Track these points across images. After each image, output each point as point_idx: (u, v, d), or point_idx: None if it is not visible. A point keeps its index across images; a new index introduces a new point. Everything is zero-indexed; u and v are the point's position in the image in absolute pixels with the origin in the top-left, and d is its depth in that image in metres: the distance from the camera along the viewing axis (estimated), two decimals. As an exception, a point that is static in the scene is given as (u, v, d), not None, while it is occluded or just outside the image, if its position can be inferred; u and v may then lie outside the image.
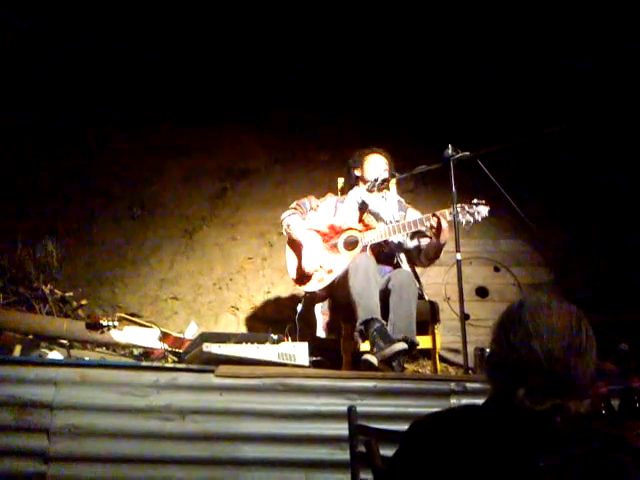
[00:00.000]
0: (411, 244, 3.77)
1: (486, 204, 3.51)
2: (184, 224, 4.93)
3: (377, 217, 3.78)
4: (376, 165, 3.86)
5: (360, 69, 5.07)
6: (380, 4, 5.01)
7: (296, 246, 3.76)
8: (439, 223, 3.47)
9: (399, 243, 3.77)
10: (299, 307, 3.77)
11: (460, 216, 3.45)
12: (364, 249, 3.66)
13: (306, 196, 3.94)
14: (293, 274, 3.77)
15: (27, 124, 4.87)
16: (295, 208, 3.84)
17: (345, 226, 3.78)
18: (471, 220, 3.48)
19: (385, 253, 3.73)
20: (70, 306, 4.24)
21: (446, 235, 3.53)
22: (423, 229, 3.62)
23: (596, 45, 4.80)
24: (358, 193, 3.88)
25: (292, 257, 3.79)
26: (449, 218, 3.46)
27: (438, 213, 3.50)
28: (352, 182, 3.96)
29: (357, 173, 3.93)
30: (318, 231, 3.79)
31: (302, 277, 3.72)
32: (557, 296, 1.31)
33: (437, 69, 5.05)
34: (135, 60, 5.04)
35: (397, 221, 3.71)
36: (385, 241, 3.71)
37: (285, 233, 3.82)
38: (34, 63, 4.91)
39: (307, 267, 3.66)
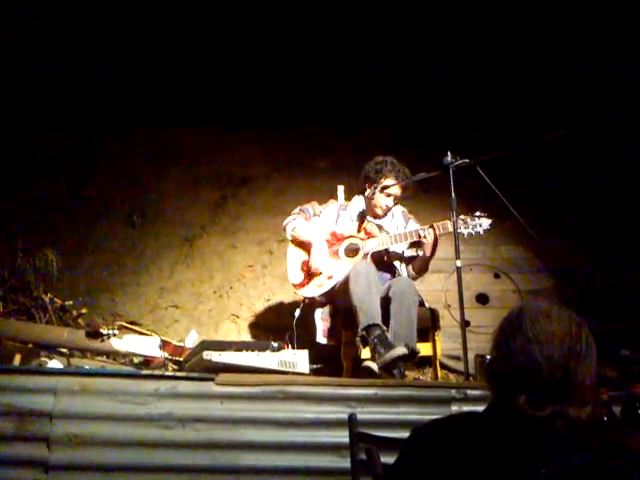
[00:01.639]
0: (408, 254, 3.78)
1: (488, 217, 3.51)
2: (184, 232, 4.93)
3: (381, 228, 3.78)
4: (389, 196, 3.71)
5: (359, 76, 5.08)
6: (380, 10, 5.02)
7: (303, 247, 3.75)
8: (435, 236, 3.49)
9: (401, 252, 3.78)
10: (297, 312, 3.77)
11: (462, 228, 3.46)
12: (365, 257, 3.66)
13: (308, 202, 3.94)
14: (294, 278, 3.76)
15: (27, 133, 4.88)
16: (298, 213, 3.83)
17: (347, 233, 3.78)
18: (472, 233, 3.49)
19: (386, 262, 3.73)
20: (70, 315, 4.24)
21: (430, 249, 3.55)
22: (422, 240, 3.59)
23: (595, 49, 4.81)
24: (361, 204, 3.87)
25: (295, 260, 3.77)
26: (450, 229, 3.45)
27: (440, 224, 3.50)
28: (361, 189, 3.85)
29: (368, 193, 3.76)
30: (321, 237, 3.80)
31: (306, 277, 3.70)
32: (557, 303, 1.31)
33: (436, 76, 5.05)
34: (135, 68, 5.05)
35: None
36: (386, 250, 3.72)
37: (290, 237, 3.79)
38: (33, 71, 4.92)
39: (315, 264, 3.65)
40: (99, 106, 4.98)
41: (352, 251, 3.73)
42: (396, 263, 3.76)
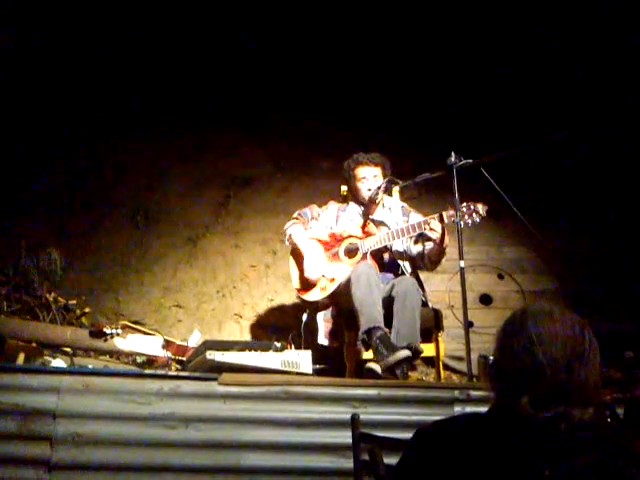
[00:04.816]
0: (415, 250, 3.71)
1: (484, 204, 3.45)
2: (187, 232, 4.94)
3: (381, 225, 3.78)
4: (367, 179, 3.75)
5: (362, 76, 5.08)
6: (381, 10, 5.02)
7: (299, 256, 3.76)
8: (442, 227, 3.44)
9: (403, 251, 3.75)
10: (304, 316, 3.77)
11: (466, 218, 3.40)
12: (364, 256, 3.64)
13: (308, 205, 3.94)
14: (296, 284, 3.76)
15: (31, 131, 4.89)
16: (297, 218, 3.84)
17: (346, 234, 3.77)
18: (469, 222, 3.40)
19: (388, 261, 3.72)
20: (74, 314, 4.24)
21: (440, 240, 3.48)
22: (425, 232, 3.50)
23: (599, 50, 4.81)
24: (356, 208, 3.87)
25: (295, 267, 3.79)
26: (446, 221, 3.42)
27: (445, 213, 3.43)
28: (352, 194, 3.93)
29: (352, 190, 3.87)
30: (320, 240, 3.78)
31: (306, 286, 3.71)
32: (560, 304, 1.31)
33: (440, 76, 5.05)
34: (139, 68, 5.06)
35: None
36: (387, 248, 3.70)
37: (287, 243, 3.82)
38: (37, 69, 4.93)
39: (310, 275, 3.66)
40: (102, 106, 4.99)
41: (351, 251, 3.72)
42: (400, 262, 3.73)
